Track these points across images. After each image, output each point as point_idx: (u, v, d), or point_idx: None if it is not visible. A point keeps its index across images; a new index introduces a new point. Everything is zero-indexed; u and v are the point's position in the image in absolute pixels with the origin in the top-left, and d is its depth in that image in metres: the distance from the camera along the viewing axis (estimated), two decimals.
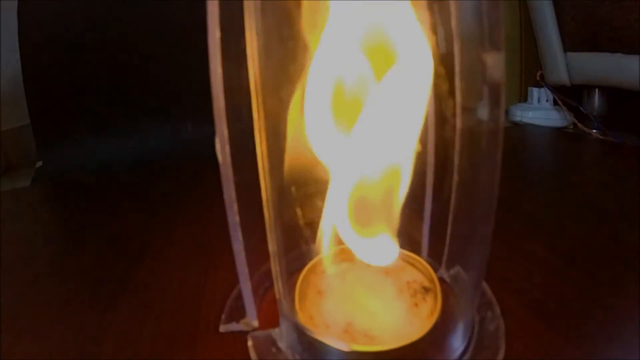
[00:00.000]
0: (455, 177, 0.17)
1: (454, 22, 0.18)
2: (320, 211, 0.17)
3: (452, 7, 0.18)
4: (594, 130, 0.70)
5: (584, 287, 0.23)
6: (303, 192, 0.18)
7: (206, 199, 0.39)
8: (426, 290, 0.17)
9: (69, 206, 0.50)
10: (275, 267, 0.16)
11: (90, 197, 0.50)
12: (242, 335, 0.19)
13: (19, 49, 0.78)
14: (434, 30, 0.17)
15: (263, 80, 0.12)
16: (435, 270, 0.20)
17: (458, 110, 0.18)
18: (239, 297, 0.19)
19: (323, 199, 0.17)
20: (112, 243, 0.33)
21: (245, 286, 0.17)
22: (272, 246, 0.15)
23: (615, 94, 0.72)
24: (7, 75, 0.94)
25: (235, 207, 0.15)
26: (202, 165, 0.27)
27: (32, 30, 0.78)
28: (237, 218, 0.15)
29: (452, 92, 0.18)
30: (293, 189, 0.15)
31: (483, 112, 0.17)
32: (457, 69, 0.18)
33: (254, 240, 0.17)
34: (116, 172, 0.64)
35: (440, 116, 0.19)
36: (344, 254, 0.19)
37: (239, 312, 0.20)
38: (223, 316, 0.20)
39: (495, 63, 0.16)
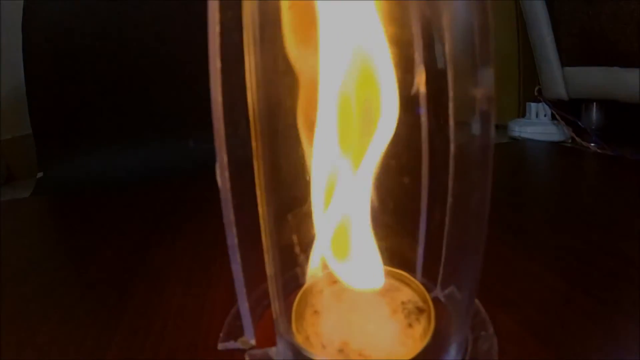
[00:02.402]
0: (450, 199, 0.18)
1: (447, 39, 0.18)
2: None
3: (445, 25, 0.18)
4: (593, 144, 0.71)
5: (581, 305, 0.23)
6: (300, 213, 0.18)
7: (206, 216, 0.39)
8: (420, 311, 0.18)
9: (69, 220, 0.50)
10: (272, 288, 0.16)
11: (91, 211, 0.51)
12: (240, 353, 0.19)
13: (23, 61, 0.79)
14: (429, 49, 0.17)
15: (261, 110, 0.13)
16: (431, 291, 0.20)
17: (451, 128, 0.18)
18: (237, 316, 0.19)
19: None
20: (112, 259, 0.34)
21: (244, 306, 0.17)
22: (269, 269, 0.15)
23: (613, 108, 0.72)
24: (9, 84, 0.95)
25: (234, 230, 0.15)
26: (202, 181, 0.28)
27: (37, 42, 0.79)
28: (236, 241, 0.15)
29: (444, 118, 0.18)
30: (289, 216, 0.16)
31: (475, 128, 0.17)
32: (449, 85, 0.18)
33: (252, 259, 0.18)
34: (117, 187, 0.65)
35: (433, 140, 0.19)
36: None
37: (237, 331, 0.20)
38: (221, 334, 0.21)
39: (486, 79, 0.16)
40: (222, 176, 0.14)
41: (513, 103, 0.82)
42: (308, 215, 0.17)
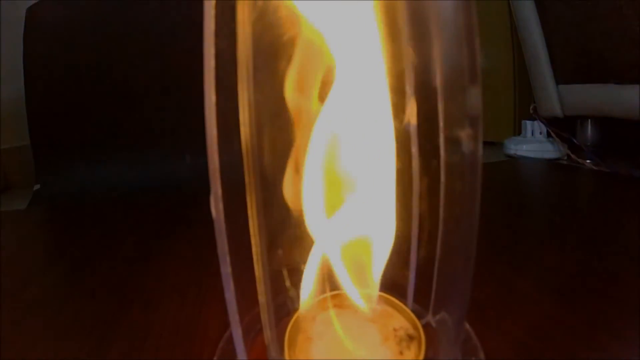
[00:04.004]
0: (441, 226, 0.18)
1: (435, 58, 0.18)
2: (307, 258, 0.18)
3: (434, 44, 0.18)
4: (588, 161, 0.71)
5: (573, 328, 0.23)
6: (292, 238, 0.18)
7: (200, 229, 0.40)
8: (411, 338, 0.18)
9: (65, 233, 0.50)
10: (264, 316, 0.16)
11: (87, 224, 0.51)
12: None
13: (24, 73, 0.79)
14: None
15: (254, 145, 0.13)
16: (423, 316, 0.21)
17: (442, 147, 0.18)
18: (230, 340, 0.19)
19: (310, 246, 0.18)
20: (107, 273, 0.34)
21: (237, 332, 0.17)
22: (261, 298, 0.16)
23: (607, 125, 0.73)
24: (9, 95, 0.95)
25: (228, 259, 0.15)
26: (197, 194, 0.28)
27: (37, 55, 0.80)
28: (229, 270, 0.15)
29: (435, 145, 0.19)
30: (280, 251, 0.16)
31: (465, 146, 0.17)
32: (439, 105, 0.18)
33: (246, 282, 0.18)
34: (113, 200, 0.65)
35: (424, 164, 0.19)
36: (333, 301, 0.19)
37: (230, 355, 0.20)
38: (215, 358, 0.21)
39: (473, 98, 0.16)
40: (217, 207, 0.14)
41: (508, 121, 0.83)
42: (300, 243, 0.17)
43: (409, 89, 0.18)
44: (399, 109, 0.17)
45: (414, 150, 0.18)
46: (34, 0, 0.83)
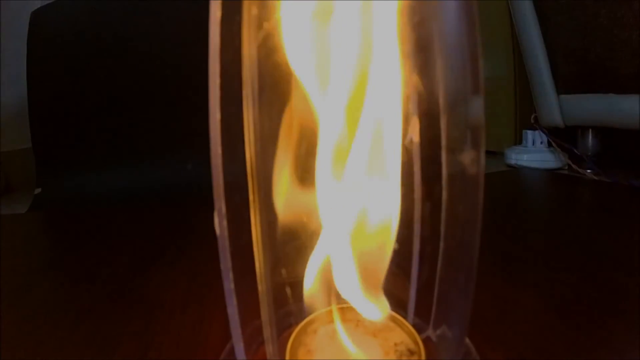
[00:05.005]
0: (442, 244, 0.18)
1: (438, 70, 0.18)
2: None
3: (438, 56, 0.18)
4: (589, 171, 0.71)
5: (574, 342, 0.23)
6: (294, 249, 0.19)
7: (201, 237, 0.40)
8: (411, 353, 0.18)
9: (65, 238, 0.50)
10: (266, 332, 0.16)
11: (87, 231, 0.51)
12: None
13: (27, 77, 0.80)
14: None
15: (259, 165, 0.14)
16: (424, 330, 0.21)
17: (443, 159, 0.18)
18: (232, 352, 0.19)
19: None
20: (108, 280, 0.34)
21: (239, 346, 0.17)
22: (264, 314, 0.16)
23: (608, 134, 0.73)
24: (11, 97, 0.95)
25: (231, 275, 0.15)
26: (199, 202, 0.28)
27: (41, 59, 0.80)
28: (232, 286, 0.16)
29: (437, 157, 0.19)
30: (283, 270, 0.16)
31: (466, 157, 0.17)
32: (442, 116, 0.18)
33: (248, 293, 0.18)
34: (114, 206, 0.65)
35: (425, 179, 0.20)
36: (334, 315, 0.19)
37: None
38: None
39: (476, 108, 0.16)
40: (221, 224, 0.15)
41: (509, 131, 0.83)
42: (303, 257, 0.18)
43: (412, 107, 0.18)
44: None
45: (416, 168, 0.18)
46: (37, 4, 0.83)
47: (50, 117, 0.79)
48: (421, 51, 0.15)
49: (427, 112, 0.18)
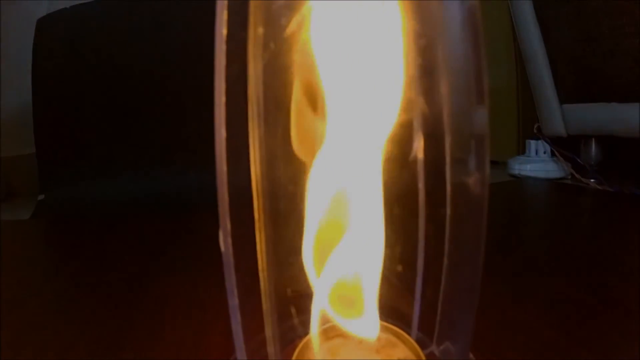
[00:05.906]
0: (445, 260, 0.18)
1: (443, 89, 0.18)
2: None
3: (442, 65, 0.18)
4: (592, 180, 0.71)
5: (576, 358, 0.23)
6: (298, 264, 0.19)
7: (204, 247, 0.40)
8: None
9: (68, 245, 0.50)
10: (270, 348, 0.16)
11: (90, 237, 0.51)
12: None
13: (32, 83, 0.80)
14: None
15: (265, 184, 0.14)
16: (427, 346, 0.21)
17: (447, 167, 0.18)
18: None
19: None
20: (110, 289, 0.34)
21: None
22: (268, 331, 0.16)
23: (611, 143, 0.73)
24: (14, 103, 0.95)
25: (236, 292, 0.15)
26: (202, 211, 0.28)
27: (46, 65, 0.81)
28: (237, 302, 0.16)
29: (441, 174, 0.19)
30: (289, 290, 0.16)
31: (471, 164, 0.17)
32: (445, 127, 0.18)
33: (251, 309, 0.18)
34: (117, 214, 0.65)
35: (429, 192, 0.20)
36: (337, 330, 0.19)
37: None
38: None
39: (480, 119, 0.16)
40: (226, 242, 0.15)
41: (512, 141, 0.83)
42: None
43: (417, 124, 0.18)
44: (406, 143, 0.17)
45: (420, 185, 0.18)
46: (43, 11, 0.84)
47: (55, 124, 0.79)
48: (426, 75, 0.15)
49: (431, 131, 0.18)
